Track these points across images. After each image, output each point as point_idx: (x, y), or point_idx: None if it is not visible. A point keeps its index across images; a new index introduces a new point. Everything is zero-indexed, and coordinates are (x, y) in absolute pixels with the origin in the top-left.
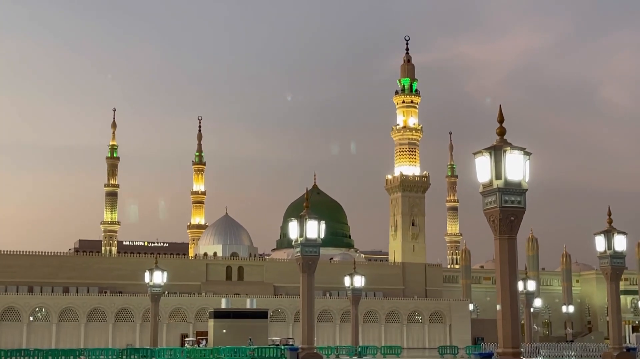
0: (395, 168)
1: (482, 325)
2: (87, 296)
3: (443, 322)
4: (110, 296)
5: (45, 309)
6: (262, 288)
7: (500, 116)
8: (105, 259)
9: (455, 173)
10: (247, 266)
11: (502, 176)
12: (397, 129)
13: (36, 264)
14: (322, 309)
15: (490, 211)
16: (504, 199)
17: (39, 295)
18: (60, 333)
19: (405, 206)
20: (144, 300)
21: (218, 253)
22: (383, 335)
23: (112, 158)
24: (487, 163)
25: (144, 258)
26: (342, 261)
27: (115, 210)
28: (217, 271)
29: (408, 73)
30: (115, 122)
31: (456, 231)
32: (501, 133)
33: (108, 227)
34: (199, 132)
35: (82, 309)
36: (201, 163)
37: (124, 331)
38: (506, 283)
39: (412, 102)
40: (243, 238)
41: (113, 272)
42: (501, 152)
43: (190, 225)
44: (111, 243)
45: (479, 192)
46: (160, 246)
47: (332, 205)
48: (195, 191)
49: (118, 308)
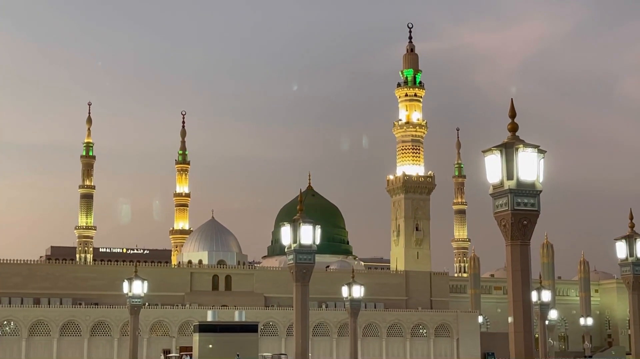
0: (397, 168)
1: (492, 339)
2: (60, 308)
3: (450, 336)
4: (85, 308)
5: (14, 322)
6: (251, 299)
7: (512, 111)
8: (79, 267)
9: (463, 173)
10: (236, 275)
11: (514, 176)
12: (400, 125)
13: (3, 273)
14: (317, 322)
15: (501, 215)
16: (516, 201)
17: (6, 307)
18: (30, 349)
19: (409, 209)
20: (122, 313)
21: (204, 261)
22: (384, 350)
23: (87, 157)
24: (497, 162)
25: (123, 266)
26: (340, 269)
27: (91, 214)
28: (203, 281)
29: (411, 64)
30: (90, 117)
31: (464, 237)
32: (513, 130)
33: (83, 233)
34: (182, 129)
35: (55, 323)
36: (185, 162)
37: (101, 347)
38: (519, 293)
39: (416, 96)
40: (231, 245)
41: (88, 282)
42: (513, 149)
43: (173, 230)
44: (86, 250)
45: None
46: (140, 254)
47: (328, 208)
48: (179, 193)
49: (94, 322)
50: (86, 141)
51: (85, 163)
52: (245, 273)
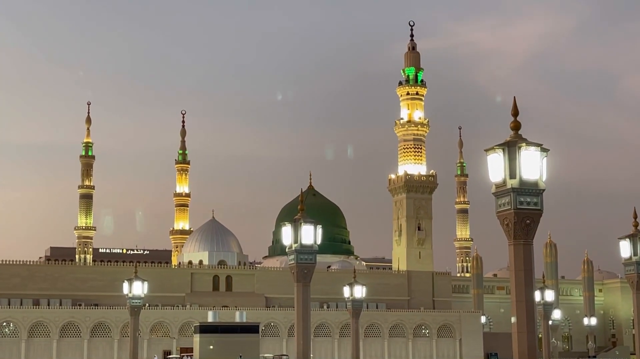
0: (399, 167)
1: (495, 339)
2: (60, 309)
3: (452, 336)
4: (85, 309)
5: (13, 324)
6: (252, 300)
7: (515, 109)
8: (79, 268)
9: (465, 172)
10: (236, 276)
11: (516, 175)
12: (401, 124)
13: (3, 274)
14: (319, 323)
15: (504, 214)
16: (519, 200)
17: (6, 308)
18: (29, 350)
19: (411, 208)
20: (122, 313)
21: (204, 262)
22: (386, 351)
23: (86, 157)
24: (500, 161)
25: (122, 267)
26: (341, 269)
27: (90, 215)
28: (203, 281)
29: (413, 62)
30: (89, 117)
31: (466, 236)
32: (516, 128)
33: (82, 233)
34: (182, 128)
35: (54, 324)
36: (185, 162)
37: (101, 348)
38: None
39: (418, 94)
40: (231, 245)
41: (88, 283)
42: (516, 148)
43: (174, 230)
44: (86, 250)
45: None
46: (140, 254)
47: (329, 207)
48: (179, 193)
49: (94, 323)
50: (85, 141)
51: (84, 163)
52: (246, 273)
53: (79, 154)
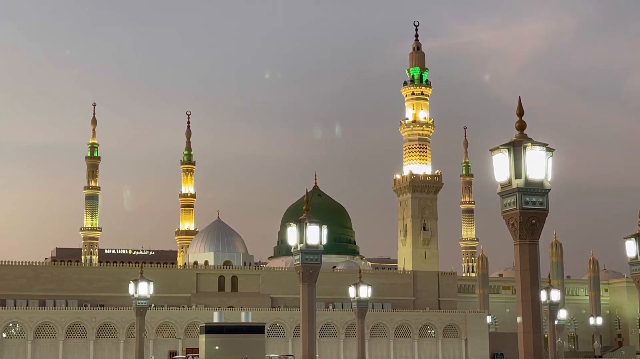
0: (404, 167)
1: (501, 339)
2: (66, 310)
3: (458, 336)
4: (91, 309)
5: (20, 324)
6: (258, 300)
7: (520, 108)
8: (85, 269)
9: (470, 172)
10: (242, 276)
11: (522, 175)
12: (406, 124)
13: (9, 275)
14: (324, 323)
15: (509, 214)
16: (524, 200)
17: (12, 309)
18: (35, 351)
19: (416, 208)
20: (128, 314)
21: (209, 262)
22: (392, 351)
23: (92, 157)
24: (505, 161)
25: (128, 267)
26: (347, 269)
27: (96, 215)
28: (209, 282)
29: (418, 62)
30: (95, 118)
31: (472, 236)
32: (521, 128)
33: (88, 234)
34: (187, 129)
35: (60, 325)
36: (190, 162)
37: (106, 349)
38: (527, 293)
39: (423, 94)
40: (237, 245)
41: (94, 283)
42: (521, 148)
43: (179, 231)
44: (92, 251)
45: (497, 193)
46: (146, 255)
47: (335, 207)
48: (184, 193)
49: (100, 323)
50: (91, 142)
51: (90, 164)
52: (251, 273)
53: (85, 155)
